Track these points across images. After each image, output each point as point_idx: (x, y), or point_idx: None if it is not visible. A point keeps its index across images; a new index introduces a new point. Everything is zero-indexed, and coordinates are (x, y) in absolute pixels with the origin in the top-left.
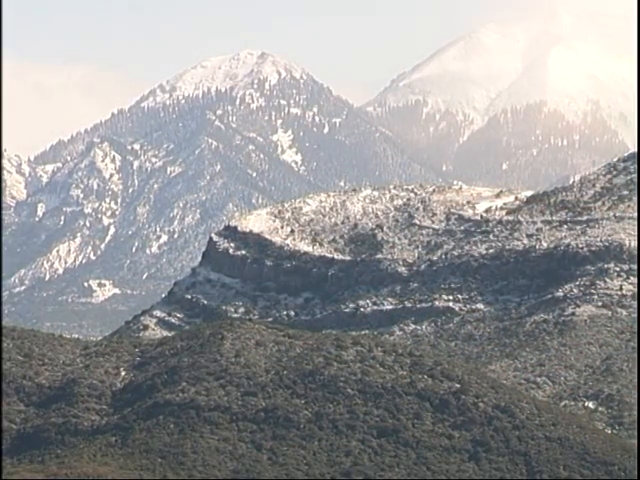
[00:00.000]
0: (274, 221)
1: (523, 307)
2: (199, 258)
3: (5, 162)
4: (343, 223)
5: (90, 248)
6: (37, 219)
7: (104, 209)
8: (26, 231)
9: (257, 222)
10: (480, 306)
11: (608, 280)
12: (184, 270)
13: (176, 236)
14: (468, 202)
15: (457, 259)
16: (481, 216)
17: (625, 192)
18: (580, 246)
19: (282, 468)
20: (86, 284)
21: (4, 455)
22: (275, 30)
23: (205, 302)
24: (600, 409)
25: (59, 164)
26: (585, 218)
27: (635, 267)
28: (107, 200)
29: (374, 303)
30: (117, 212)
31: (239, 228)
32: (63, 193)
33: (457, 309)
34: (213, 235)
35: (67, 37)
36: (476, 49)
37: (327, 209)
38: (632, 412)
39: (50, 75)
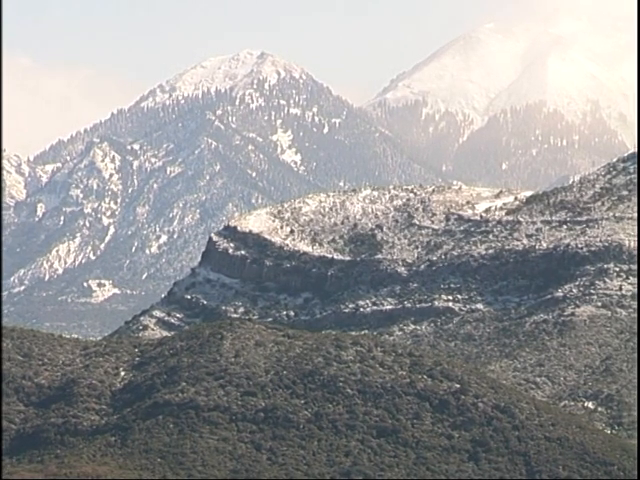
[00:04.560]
0: (274, 221)
1: (523, 307)
2: (199, 258)
3: (5, 162)
4: (343, 223)
5: (90, 248)
6: (37, 219)
7: (104, 209)
8: (26, 231)
9: (257, 222)
10: (480, 306)
11: (608, 280)
12: (184, 270)
13: (176, 236)
14: (468, 202)
15: (457, 259)
16: (481, 216)
17: (624, 192)
18: (580, 246)
19: (281, 468)
20: (86, 284)
21: (4, 455)
22: (274, 30)
23: (205, 302)
24: (599, 409)
25: (59, 164)
26: (585, 218)
27: (635, 267)
28: (107, 200)
29: (374, 303)
30: (117, 212)
31: (239, 228)
32: (63, 193)
33: (457, 309)
34: (213, 235)
35: (66, 37)
36: (476, 49)
37: (327, 209)
38: (631, 412)
39: (50, 75)
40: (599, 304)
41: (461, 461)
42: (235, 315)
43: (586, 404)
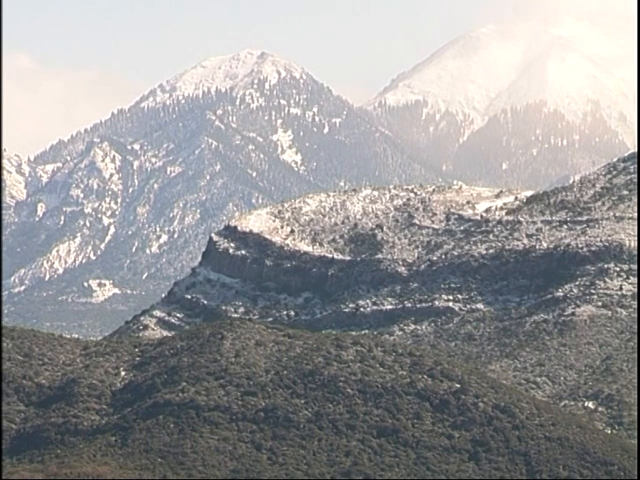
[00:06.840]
0: (274, 221)
1: (523, 307)
2: (199, 258)
3: (5, 162)
4: (343, 223)
5: (90, 248)
6: (37, 219)
7: (104, 209)
8: (26, 231)
9: (257, 222)
10: (480, 306)
11: (608, 280)
12: (184, 270)
13: (176, 236)
14: (468, 202)
15: (457, 259)
16: (481, 216)
17: (625, 192)
18: (580, 246)
19: (282, 468)
20: (86, 284)
21: (4, 455)
22: (275, 30)
23: (205, 302)
24: (600, 409)
25: (59, 164)
26: (585, 218)
27: (635, 267)
28: (107, 200)
29: (374, 303)
30: (117, 212)
31: (239, 228)
32: (63, 193)
33: (457, 309)
34: (213, 235)
35: (67, 37)
36: (476, 49)
37: (327, 209)
38: (632, 412)
39: (51, 75)
40: (599, 304)
41: (461, 461)
42: (235, 315)
43: (586, 404)
